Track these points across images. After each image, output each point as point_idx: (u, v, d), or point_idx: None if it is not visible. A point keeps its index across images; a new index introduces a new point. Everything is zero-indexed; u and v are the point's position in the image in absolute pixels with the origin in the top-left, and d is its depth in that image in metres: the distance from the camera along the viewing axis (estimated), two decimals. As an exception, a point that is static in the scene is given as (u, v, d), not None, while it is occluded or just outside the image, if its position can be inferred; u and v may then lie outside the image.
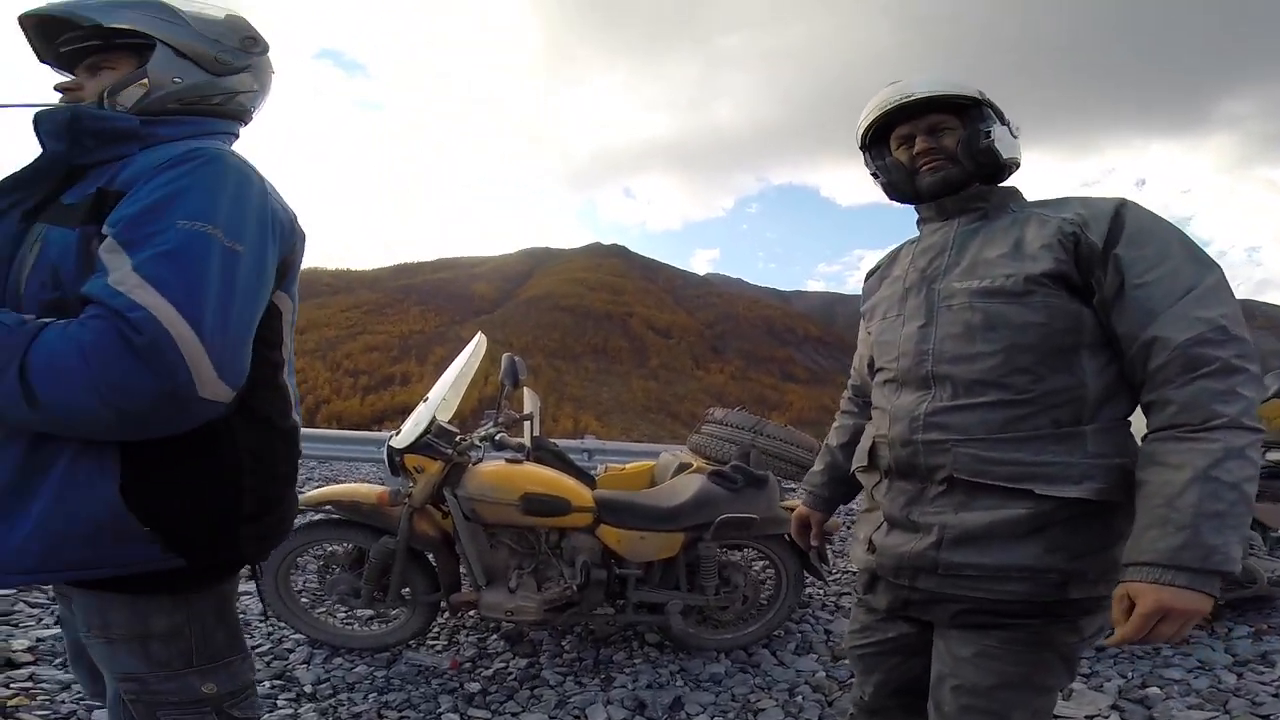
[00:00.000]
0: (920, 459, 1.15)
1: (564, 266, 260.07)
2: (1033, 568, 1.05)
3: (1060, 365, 1.07)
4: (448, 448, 2.56)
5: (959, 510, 1.11)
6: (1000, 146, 1.19)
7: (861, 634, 1.37)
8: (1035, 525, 1.06)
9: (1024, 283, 1.09)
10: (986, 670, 1.10)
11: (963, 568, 1.10)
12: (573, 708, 2.35)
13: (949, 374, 1.14)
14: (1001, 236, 1.16)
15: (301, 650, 2.62)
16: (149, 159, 0.99)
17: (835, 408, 1.68)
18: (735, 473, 2.83)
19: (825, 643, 2.96)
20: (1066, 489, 1.04)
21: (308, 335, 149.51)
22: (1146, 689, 2.54)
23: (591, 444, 6.19)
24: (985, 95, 1.21)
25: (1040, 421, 1.07)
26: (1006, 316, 1.09)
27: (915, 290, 1.24)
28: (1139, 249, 1.04)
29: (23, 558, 0.92)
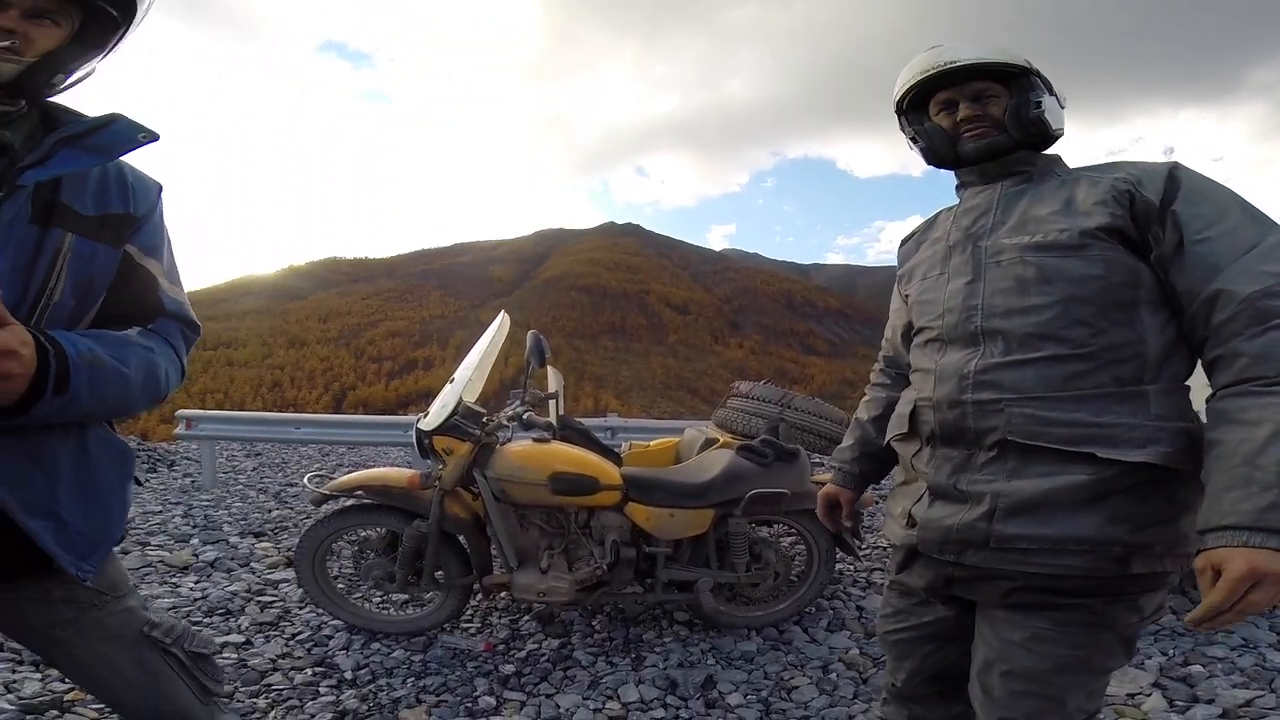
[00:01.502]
0: (969, 421, 1.09)
1: (579, 247, 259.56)
2: (1094, 539, 0.99)
3: (1120, 319, 1.03)
4: (475, 429, 2.56)
5: (1011, 477, 1.04)
6: (1050, 116, 1.16)
7: (894, 618, 1.31)
8: (1097, 492, 0.99)
9: (1080, 235, 1.05)
10: (1040, 654, 1.05)
11: (1016, 540, 1.03)
12: (605, 688, 2.36)
13: (1000, 328, 1.08)
14: (1050, 196, 1.13)
15: (340, 636, 2.66)
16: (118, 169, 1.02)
17: (857, 380, 1.63)
18: (765, 447, 2.79)
19: (858, 619, 2.94)
20: (1132, 453, 0.98)
21: (331, 323, 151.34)
22: (1189, 667, 2.48)
23: (615, 422, 6.18)
24: (1031, 64, 1.18)
25: (1102, 378, 1.02)
26: (1062, 269, 1.05)
27: (960, 248, 1.19)
28: (1196, 206, 1.00)
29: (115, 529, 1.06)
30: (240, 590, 3.09)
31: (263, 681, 2.32)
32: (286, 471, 6.51)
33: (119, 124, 0.96)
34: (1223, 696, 2.28)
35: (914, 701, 1.33)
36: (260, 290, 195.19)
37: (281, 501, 5.08)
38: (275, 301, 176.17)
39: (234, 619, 2.81)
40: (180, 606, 2.89)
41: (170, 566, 3.41)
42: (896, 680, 1.34)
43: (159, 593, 3.05)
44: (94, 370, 0.89)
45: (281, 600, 3.01)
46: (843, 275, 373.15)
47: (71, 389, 0.86)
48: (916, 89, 1.23)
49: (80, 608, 1.05)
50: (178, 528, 4.15)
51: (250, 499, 5.14)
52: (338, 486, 2.67)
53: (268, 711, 2.14)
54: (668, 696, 2.33)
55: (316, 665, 2.45)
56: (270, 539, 4.03)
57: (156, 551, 3.60)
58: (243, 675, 2.34)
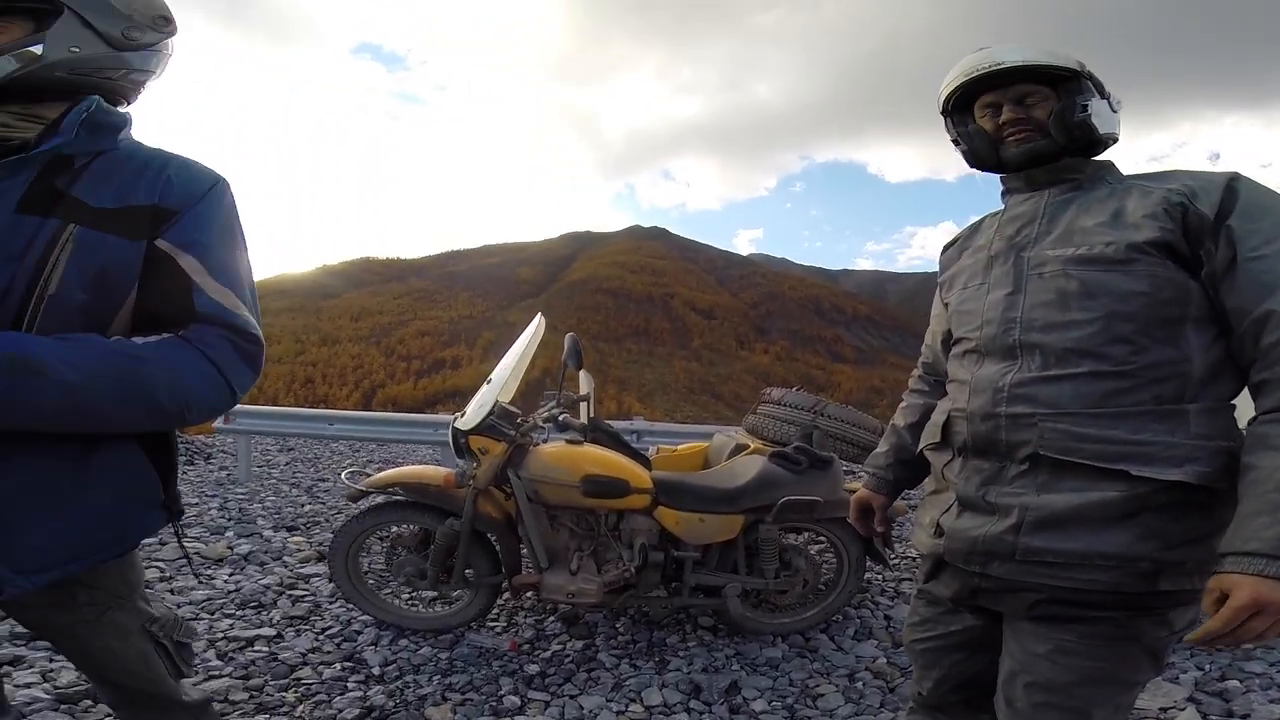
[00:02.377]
0: (1002, 434, 1.07)
1: (605, 250, 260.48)
2: (1122, 555, 0.98)
3: (1164, 337, 1.00)
4: (510, 429, 2.58)
5: (1041, 491, 1.03)
6: (1097, 121, 1.12)
7: (921, 627, 1.31)
8: (1128, 509, 0.98)
9: (1126, 250, 1.02)
10: (1064, 667, 1.04)
11: (1043, 553, 1.02)
12: (629, 690, 2.36)
13: (1039, 343, 1.06)
14: (1098, 206, 1.09)
15: (369, 632, 2.69)
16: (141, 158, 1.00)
17: (885, 388, 1.62)
18: (798, 454, 2.77)
19: (886, 628, 2.90)
20: (1167, 471, 0.96)
21: (362, 322, 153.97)
22: (1226, 681, 2.43)
23: (640, 425, 6.17)
24: (1085, 67, 1.14)
25: (1142, 396, 1.00)
26: (1106, 284, 1.02)
27: (1002, 258, 1.16)
28: (1254, 222, 0.97)
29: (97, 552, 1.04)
30: (273, 584, 3.15)
31: (292, 675, 2.35)
32: (319, 467, 6.63)
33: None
34: (1259, 712, 2.23)
35: (940, 710, 1.33)
36: (295, 289, 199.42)
37: (314, 496, 5.17)
38: (309, 300, 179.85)
39: (266, 612, 2.86)
40: (214, 599, 2.95)
41: (205, 558, 3.49)
42: (923, 689, 1.34)
43: (194, 584, 3.11)
44: (16, 377, 0.82)
45: (312, 595, 3.06)
46: (872, 281, 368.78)
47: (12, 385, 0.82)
48: (961, 90, 1.21)
49: (100, 609, 1.10)
50: (214, 520, 4.25)
51: (284, 493, 5.24)
52: (374, 483, 2.71)
53: (296, 705, 2.18)
54: (691, 701, 2.32)
55: (345, 660, 2.48)
56: (303, 533, 4.10)
57: (193, 543, 3.69)
58: (272, 669, 2.37)
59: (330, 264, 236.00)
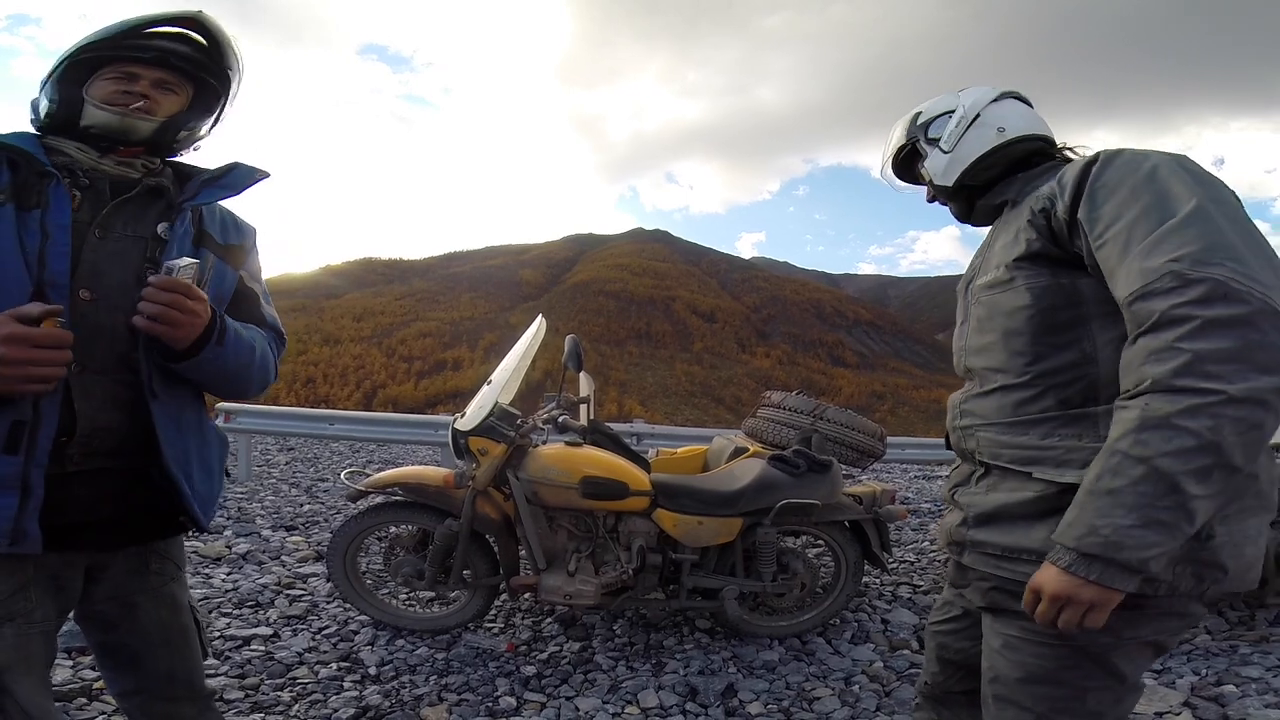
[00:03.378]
0: (962, 444, 1.21)
1: (607, 252, 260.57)
2: (1039, 551, 1.00)
3: (1062, 343, 1.03)
4: (510, 430, 2.58)
5: (989, 491, 1.13)
6: (937, 177, 1.25)
7: (942, 609, 1.38)
8: (1041, 509, 1.03)
9: (1006, 270, 1.09)
10: (1012, 662, 1.09)
11: (985, 545, 1.11)
12: (625, 692, 2.36)
13: (971, 365, 1.19)
14: (1010, 226, 1.15)
15: (366, 632, 2.70)
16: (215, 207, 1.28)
17: (886, 393, 1.72)
18: (798, 457, 2.78)
19: (883, 632, 2.90)
20: (1065, 474, 0.99)
21: (364, 322, 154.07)
22: (1222, 686, 2.43)
23: (641, 428, 6.17)
24: (917, 128, 1.28)
25: (1046, 403, 1.05)
26: (998, 304, 1.11)
27: (961, 294, 1.29)
28: (1097, 207, 0.95)
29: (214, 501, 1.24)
30: (270, 583, 3.15)
31: (288, 675, 2.36)
32: (318, 466, 6.63)
33: (241, 168, 1.25)
34: (1255, 717, 2.24)
35: (942, 704, 1.38)
36: (298, 288, 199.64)
37: (313, 496, 5.17)
38: (311, 300, 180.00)
39: (263, 611, 2.87)
40: (212, 597, 2.96)
41: (204, 557, 3.49)
42: (928, 675, 1.40)
43: (192, 583, 3.12)
44: (237, 337, 1.17)
45: (310, 594, 3.06)
46: (874, 286, 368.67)
47: (226, 343, 1.13)
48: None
49: (163, 579, 1.24)
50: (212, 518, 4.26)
51: (283, 493, 5.24)
52: (374, 483, 2.71)
53: (291, 705, 2.18)
54: (688, 703, 2.32)
55: (341, 660, 2.48)
56: (301, 533, 4.11)
57: (192, 541, 3.69)
58: (269, 668, 2.38)
59: (333, 264, 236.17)
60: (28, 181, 1.04)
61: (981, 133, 1.19)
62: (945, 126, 1.22)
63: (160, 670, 1.24)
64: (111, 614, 1.20)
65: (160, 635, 1.23)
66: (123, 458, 1.10)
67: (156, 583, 1.23)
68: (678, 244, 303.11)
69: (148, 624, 1.22)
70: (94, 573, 1.16)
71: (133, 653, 1.23)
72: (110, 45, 1.11)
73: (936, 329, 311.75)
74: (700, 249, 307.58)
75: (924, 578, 3.67)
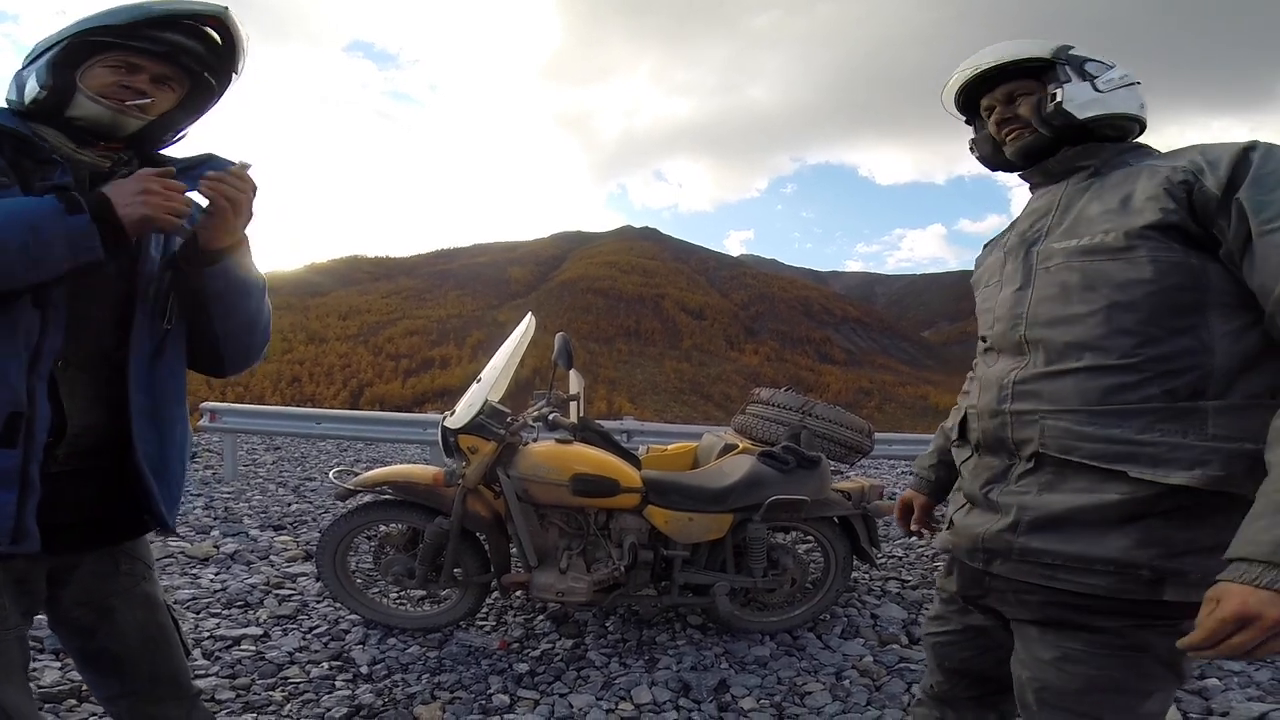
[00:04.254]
0: (1008, 431, 1.07)
1: (596, 250, 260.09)
2: (1119, 561, 0.95)
3: (1178, 327, 0.94)
4: (500, 428, 2.58)
5: (1043, 491, 1.02)
6: (1071, 106, 1.09)
7: (936, 622, 1.31)
8: (1129, 513, 0.94)
9: (1124, 237, 0.98)
10: (1071, 675, 1.01)
11: (1040, 554, 1.00)
12: (618, 689, 2.36)
13: (1042, 338, 1.05)
14: (1111, 192, 1.06)
15: (357, 631, 2.68)
16: None
17: (874, 389, 1.63)
18: (787, 454, 2.79)
19: (873, 627, 2.92)
20: (1171, 474, 0.91)
21: (350, 320, 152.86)
22: (1205, 680, 2.45)
23: (631, 425, 6.19)
24: (1065, 53, 1.12)
25: (1149, 392, 0.94)
26: (1106, 273, 0.99)
27: (1014, 254, 1.16)
28: (1268, 191, 0.89)
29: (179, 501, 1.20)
30: (259, 583, 3.13)
31: (279, 674, 2.34)
32: (305, 466, 6.58)
33: (215, 159, 1.17)
34: (1238, 710, 2.26)
35: (948, 705, 1.34)
36: (282, 286, 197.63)
37: (300, 495, 5.14)
38: (297, 298, 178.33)
39: (253, 611, 2.85)
40: (200, 598, 2.93)
41: (191, 557, 3.46)
42: (933, 682, 1.34)
43: (180, 583, 3.09)
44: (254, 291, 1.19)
45: (300, 594, 3.04)
46: (861, 283, 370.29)
47: (248, 256, 1.15)
48: (962, 99, 1.23)
49: (134, 579, 1.21)
50: (199, 519, 4.21)
51: (270, 492, 5.20)
52: (362, 482, 2.70)
53: (284, 704, 2.16)
54: (680, 699, 2.32)
55: (333, 659, 2.47)
56: (290, 532, 4.08)
57: (178, 542, 3.66)
58: (260, 668, 2.36)
59: (319, 262, 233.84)
60: (24, 166, 1.01)
61: (1132, 97, 1.12)
62: (1104, 72, 1.12)
63: (144, 672, 1.22)
64: (87, 620, 1.17)
65: (139, 637, 1.21)
66: (101, 457, 1.09)
67: (128, 584, 1.20)
68: (667, 242, 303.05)
69: (126, 627, 1.19)
70: (59, 575, 1.13)
71: (114, 657, 1.20)
72: (122, 32, 1.05)
73: (922, 326, 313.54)
74: (689, 247, 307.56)
75: (912, 573, 3.70)
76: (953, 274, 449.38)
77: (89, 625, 1.17)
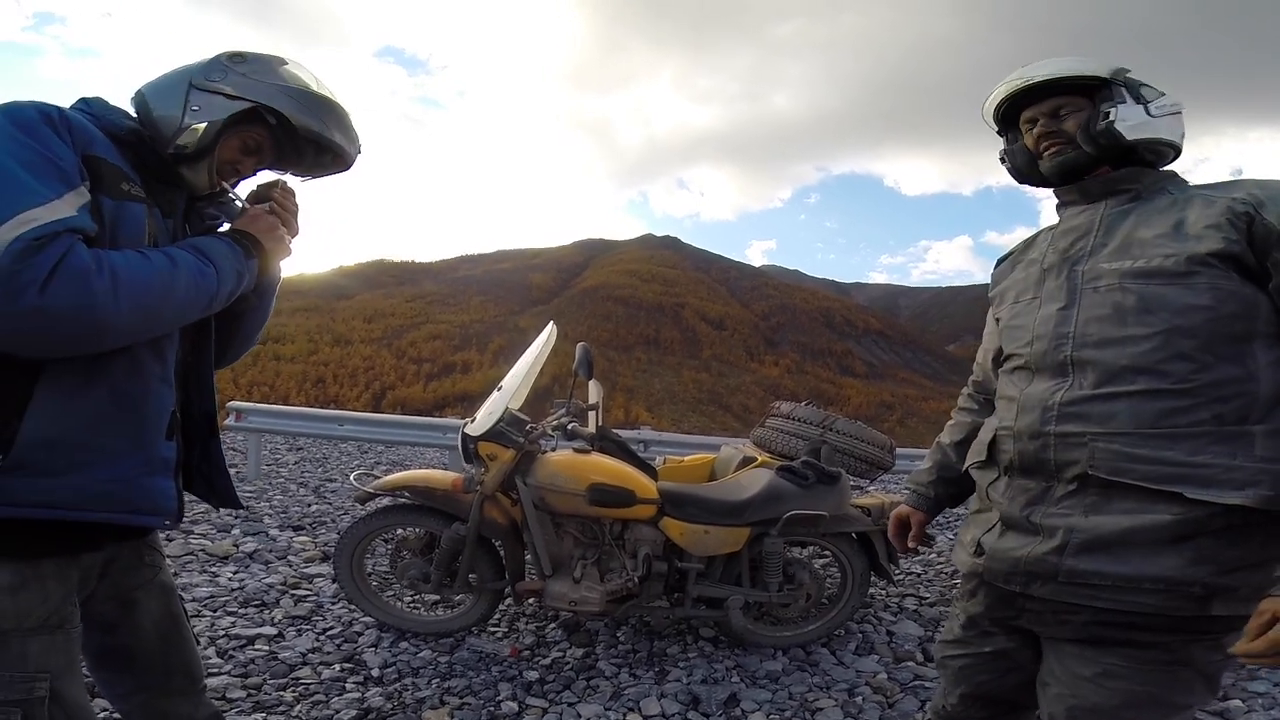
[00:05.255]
0: (1050, 454, 1.05)
1: (617, 258, 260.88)
2: (1172, 579, 0.95)
3: (1228, 354, 0.96)
4: (520, 436, 2.59)
5: (1089, 513, 1.01)
6: (1123, 127, 1.08)
7: (954, 645, 1.29)
8: (1181, 533, 0.95)
9: (1187, 262, 0.98)
10: (1111, 690, 1.01)
11: (1089, 576, 1.00)
12: (627, 699, 2.35)
13: (1092, 359, 1.03)
14: (1158, 218, 1.06)
15: (370, 634, 2.70)
16: None
17: (895, 403, 1.59)
18: (806, 468, 2.77)
19: (888, 644, 2.88)
20: (1226, 494, 0.92)
21: (375, 324, 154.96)
22: (1228, 701, 2.40)
23: (648, 435, 6.18)
24: (1121, 75, 1.12)
25: (1201, 416, 0.96)
26: (1166, 298, 0.99)
27: (1055, 271, 1.14)
28: None
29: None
30: (276, 583, 3.16)
31: (291, 675, 2.36)
32: (326, 467, 6.66)
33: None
34: (1260, 731, 2.20)
35: None
36: (310, 289, 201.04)
37: (320, 496, 5.19)
38: (323, 300, 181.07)
39: (268, 611, 2.88)
40: (218, 596, 2.97)
41: (211, 555, 3.51)
42: (948, 703, 1.33)
43: (199, 580, 3.13)
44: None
45: (315, 595, 3.07)
46: (885, 295, 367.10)
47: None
48: (1004, 107, 1.22)
49: (155, 570, 1.24)
50: (221, 517, 4.27)
51: (291, 493, 5.27)
52: (382, 486, 2.72)
53: (294, 705, 2.18)
54: (690, 712, 2.30)
55: (345, 661, 2.48)
56: (308, 533, 4.12)
57: (200, 540, 3.71)
58: (272, 668, 2.38)
59: (346, 265, 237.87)
60: (152, 187, 1.07)
61: (1177, 125, 1.13)
62: (1156, 97, 1.13)
63: (159, 665, 1.23)
64: (112, 614, 1.18)
65: (156, 629, 1.22)
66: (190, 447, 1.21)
67: (149, 574, 1.22)
68: (687, 250, 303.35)
69: (145, 621, 1.21)
70: (103, 568, 1.15)
71: (130, 652, 1.21)
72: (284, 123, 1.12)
73: (947, 340, 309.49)
74: (710, 256, 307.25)
75: (930, 589, 3.64)
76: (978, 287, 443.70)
77: (113, 619, 1.18)
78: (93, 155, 0.96)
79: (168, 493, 1.09)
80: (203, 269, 1.02)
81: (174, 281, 0.97)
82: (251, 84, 1.10)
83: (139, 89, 1.10)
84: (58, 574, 1.00)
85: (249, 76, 1.10)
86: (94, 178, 0.96)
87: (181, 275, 0.98)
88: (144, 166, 1.06)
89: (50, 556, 0.99)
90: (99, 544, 1.07)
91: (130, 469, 1.03)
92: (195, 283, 1.00)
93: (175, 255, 0.99)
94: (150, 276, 0.94)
